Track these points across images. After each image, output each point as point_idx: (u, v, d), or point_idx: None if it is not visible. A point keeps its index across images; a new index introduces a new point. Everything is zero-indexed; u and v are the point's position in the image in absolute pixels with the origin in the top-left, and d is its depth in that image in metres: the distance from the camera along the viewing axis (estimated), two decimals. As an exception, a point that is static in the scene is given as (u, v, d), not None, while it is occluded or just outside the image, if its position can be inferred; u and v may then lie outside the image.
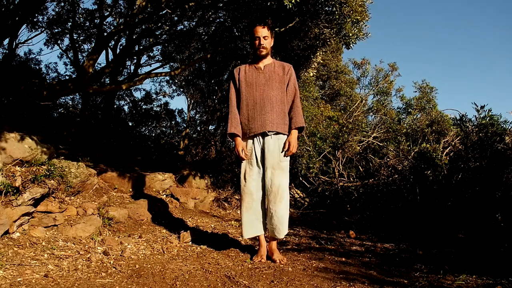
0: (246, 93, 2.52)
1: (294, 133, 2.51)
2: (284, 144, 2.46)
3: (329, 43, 4.24)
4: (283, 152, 2.45)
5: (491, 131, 3.39)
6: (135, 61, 7.84)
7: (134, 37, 6.12)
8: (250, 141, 2.50)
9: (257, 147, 2.48)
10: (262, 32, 2.44)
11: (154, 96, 9.55)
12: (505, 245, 2.65)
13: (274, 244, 2.51)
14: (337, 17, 3.66)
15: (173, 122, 9.39)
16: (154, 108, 9.51)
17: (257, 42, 2.46)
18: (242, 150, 2.46)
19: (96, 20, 6.93)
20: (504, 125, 3.50)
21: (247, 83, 2.52)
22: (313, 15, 3.86)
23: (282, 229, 2.44)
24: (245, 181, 2.49)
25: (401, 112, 8.20)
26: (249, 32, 2.65)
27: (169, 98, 13.27)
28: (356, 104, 7.40)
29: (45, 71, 8.34)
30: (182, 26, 6.10)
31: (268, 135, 2.45)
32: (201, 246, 2.80)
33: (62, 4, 6.54)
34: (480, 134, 3.49)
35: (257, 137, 2.48)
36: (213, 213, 4.29)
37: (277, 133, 2.46)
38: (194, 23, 5.77)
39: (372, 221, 3.85)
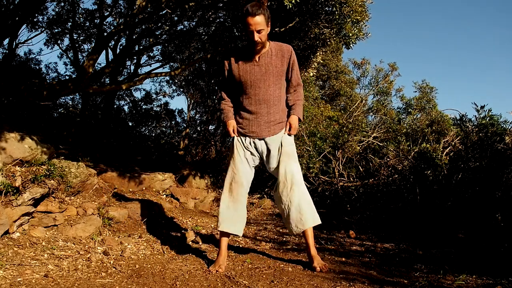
0: (239, 91, 2.27)
1: (295, 117, 2.30)
2: (286, 125, 2.29)
3: (329, 43, 4.25)
4: (285, 137, 2.27)
5: (491, 131, 3.39)
6: (135, 61, 7.84)
7: (134, 37, 6.12)
8: (245, 138, 2.29)
9: (254, 146, 2.29)
10: (256, 23, 2.06)
11: (154, 96, 9.56)
12: (505, 245, 2.65)
13: (311, 249, 2.23)
14: (337, 17, 3.67)
15: (173, 122, 9.39)
16: (154, 108, 9.51)
17: (250, 36, 2.11)
18: (232, 130, 2.30)
19: (96, 20, 6.93)
20: (504, 125, 3.50)
21: (241, 79, 2.22)
22: (313, 15, 3.86)
23: (305, 219, 2.17)
24: (237, 170, 2.25)
25: (401, 112, 8.20)
26: (241, 21, 2.39)
27: (169, 98, 13.27)
28: (356, 104, 7.40)
29: (45, 71, 8.35)
30: (182, 26, 6.11)
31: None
32: (201, 246, 2.80)
33: (62, 4, 6.55)
34: (480, 134, 3.49)
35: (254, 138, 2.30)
36: (213, 213, 4.29)
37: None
38: (194, 23, 5.77)
39: (372, 221, 3.84)
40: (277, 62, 2.22)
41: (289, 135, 2.30)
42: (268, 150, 2.29)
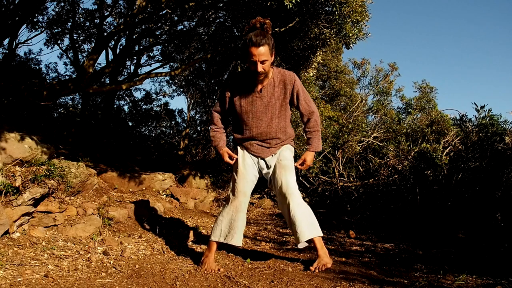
0: (240, 120, 2.21)
1: (311, 154, 2.27)
2: (300, 159, 2.29)
3: (329, 43, 4.25)
4: (287, 158, 2.24)
5: (491, 131, 3.39)
6: (135, 61, 7.85)
7: (134, 37, 6.12)
8: (243, 152, 2.27)
9: (253, 160, 2.29)
10: (260, 54, 1.96)
11: (154, 96, 9.57)
12: (505, 245, 2.65)
13: (318, 252, 2.20)
14: (337, 17, 3.67)
15: (173, 122, 9.39)
16: (154, 108, 9.52)
17: (253, 67, 2.02)
18: (229, 156, 2.25)
19: (96, 20, 6.94)
20: (504, 125, 3.51)
21: (242, 110, 2.16)
22: (313, 15, 3.86)
23: (300, 232, 2.13)
24: (240, 179, 2.22)
25: (401, 112, 8.20)
26: (243, 49, 2.07)
27: (169, 98, 13.28)
28: (356, 104, 7.40)
29: (45, 71, 8.36)
30: (182, 26, 6.11)
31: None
32: (201, 246, 2.80)
33: (62, 4, 6.56)
34: (480, 134, 3.49)
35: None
36: (213, 213, 4.29)
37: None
38: (194, 23, 5.78)
39: (372, 221, 3.85)
40: (280, 94, 2.14)
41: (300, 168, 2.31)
42: (268, 166, 2.30)
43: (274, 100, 2.14)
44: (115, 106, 8.45)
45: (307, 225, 2.17)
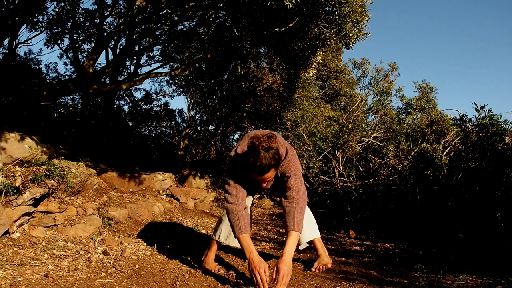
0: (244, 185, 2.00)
1: (288, 252, 1.85)
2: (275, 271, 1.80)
3: (329, 43, 4.24)
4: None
5: (491, 131, 3.39)
6: (135, 61, 7.85)
7: (134, 37, 6.12)
8: None
9: None
10: (265, 178, 1.84)
11: (154, 96, 9.57)
12: (505, 245, 2.65)
13: (318, 251, 2.20)
14: (337, 17, 3.66)
15: (173, 122, 9.39)
16: (154, 108, 9.52)
17: (259, 182, 1.91)
18: (264, 272, 1.75)
19: (96, 20, 6.94)
20: (504, 125, 3.51)
21: (246, 186, 2.00)
22: (313, 15, 3.86)
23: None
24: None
25: (401, 112, 8.20)
26: (248, 168, 1.85)
27: (169, 98, 13.30)
28: (356, 104, 7.40)
29: (45, 71, 8.36)
30: (182, 26, 6.11)
31: None
32: (201, 246, 2.80)
33: (62, 4, 6.55)
34: (480, 134, 3.49)
35: None
36: (213, 213, 4.29)
37: None
38: (194, 23, 5.77)
39: (372, 221, 3.85)
40: (281, 184, 2.03)
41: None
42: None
43: (278, 187, 2.09)
44: (115, 106, 8.45)
45: (306, 225, 2.18)
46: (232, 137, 7.57)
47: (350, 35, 3.74)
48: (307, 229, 2.21)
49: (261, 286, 1.72)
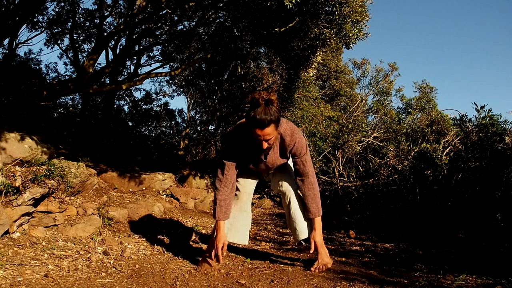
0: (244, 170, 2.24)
1: (317, 224, 2.16)
2: (311, 246, 2.15)
3: (329, 43, 4.24)
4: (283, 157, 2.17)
5: (491, 131, 3.39)
6: (135, 61, 7.84)
7: (134, 37, 6.12)
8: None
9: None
10: (265, 134, 1.86)
11: (154, 96, 9.56)
12: (505, 245, 2.65)
13: (318, 250, 2.19)
14: (337, 17, 3.66)
15: (173, 122, 9.39)
16: (154, 108, 9.51)
17: (257, 142, 1.93)
18: (221, 247, 2.07)
19: (96, 20, 6.93)
20: (504, 125, 3.51)
21: (245, 165, 2.17)
22: (313, 15, 3.86)
23: (300, 228, 2.20)
24: (242, 179, 2.29)
25: (401, 112, 8.20)
26: (247, 126, 1.94)
27: (169, 98, 13.26)
28: (356, 104, 7.40)
29: (45, 71, 8.35)
30: (182, 26, 6.11)
31: None
32: (201, 245, 2.80)
33: (62, 4, 6.55)
34: (480, 134, 3.49)
35: None
36: (213, 213, 4.29)
37: None
38: (194, 23, 5.77)
39: (372, 221, 3.85)
40: (284, 155, 2.13)
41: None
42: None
43: (278, 163, 2.18)
44: (115, 106, 8.44)
45: (307, 223, 2.24)
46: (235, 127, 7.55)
47: (350, 35, 3.74)
48: (308, 226, 2.24)
49: (212, 255, 2.10)
